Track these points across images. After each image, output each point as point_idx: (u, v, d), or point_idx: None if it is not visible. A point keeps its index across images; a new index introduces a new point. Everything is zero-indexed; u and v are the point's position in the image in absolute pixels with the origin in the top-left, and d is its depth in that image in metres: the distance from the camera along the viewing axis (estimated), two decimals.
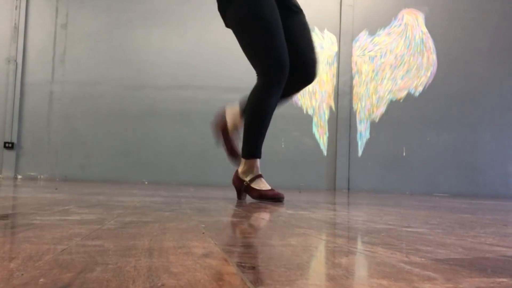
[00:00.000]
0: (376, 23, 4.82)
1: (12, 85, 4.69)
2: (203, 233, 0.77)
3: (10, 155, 4.65)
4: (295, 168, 4.67)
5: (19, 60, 4.70)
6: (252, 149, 1.92)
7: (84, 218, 0.93)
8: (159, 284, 0.39)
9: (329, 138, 4.71)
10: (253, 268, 0.48)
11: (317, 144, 4.72)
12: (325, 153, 4.71)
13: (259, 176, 1.93)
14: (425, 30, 4.83)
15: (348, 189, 4.64)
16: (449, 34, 4.81)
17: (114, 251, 0.55)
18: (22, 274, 0.41)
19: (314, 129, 4.72)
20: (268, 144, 4.65)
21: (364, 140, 4.71)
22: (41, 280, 0.39)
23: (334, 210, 1.63)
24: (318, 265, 0.55)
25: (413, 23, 4.84)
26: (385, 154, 4.70)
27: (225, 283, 0.41)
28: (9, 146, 4.64)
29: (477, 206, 2.28)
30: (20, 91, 4.70)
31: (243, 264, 0.50)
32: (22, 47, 4.71)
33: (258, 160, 1.94)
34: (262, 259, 0.57)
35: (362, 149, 4.70)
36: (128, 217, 0.98)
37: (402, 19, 4.84)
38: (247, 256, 0.58)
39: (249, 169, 1.93)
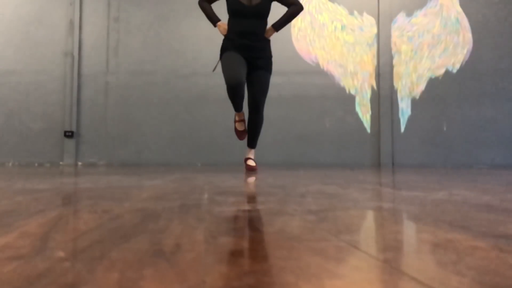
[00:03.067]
0: (413, 5, 5.01)
1: (70, 77, 4.98)
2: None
3: (70, 143, 4.94)
4: (340, 146, 4.89)
5: (75, 54, 4.98)
6: (234, 108, 3.21)
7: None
8: None
9: (372, 116, 4.93)
10: None
11: (360, 123, 4.93)
12: (368, 130, 4.92)
13: (240, 120, 3.33)
14: (460, 9, 5.01)
15: (393, 164, 4.85)
16: (483, 12, 4.98)
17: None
18: None
19: (357, 108, 4.94)
20: (313, 124, 4.89)
21: (406, 116, 4.91)
22: None
23: (446, 189, 1.85)
24: None
25: (448, 3, 5.02)
26: (426, 130, 4.89)
27: None
28: (69, 134, 4.93)
29: None
30: (78, 82, 4.98)
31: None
32: (78, 41, 4.99)
33: (238, 113, 3.26)
34: None
35: (404, 125, 4.90)
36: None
37: (437, 0, 5.02)
38: None
39: (236, 116, 3.36)
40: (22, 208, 0.99)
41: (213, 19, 3.10)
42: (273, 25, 3.05)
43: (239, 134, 3.34)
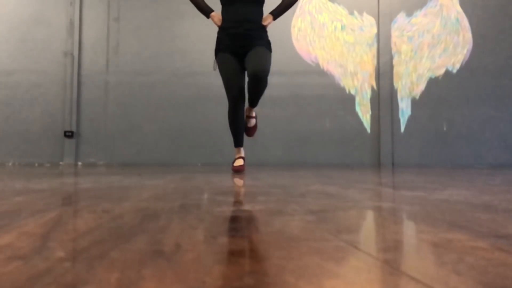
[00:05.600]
0: (413, 5, 5.02)
1: (70, 77, 4.98)
2: None
3: (70, 143, 4.94)
4: (340, 146, 4.89)
5: (76, 53, 4.99)
6: (234, 142, 3.04)
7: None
8: None
9: (372, 116, 4.93)
10: None
11: (360, 122, 4.93)
12: (368, 130, 4.92)
13: (238, 157, 3.02)
14: (460, 9, 5.01)
15: (393, 164, 4.85)
16: (483, 12, 4.98)
17: None
18: None
19: (357, 108, 4.94)
20: (313, 124, 4.89)
21: (406, 116, 4.91)
22: None
23: (446, 189, 1.85)
24: None
25: (448, 3, 5.02)
26: (426, 130, 4.90)
27: None
28: (69, 134, 4.93)
29: None
30: (78, 82, 4.98)
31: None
32: (78, 41, 4.99)
33: (238, 148, 3.03)
34: None
35: (404, 125, 4.91)
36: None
37: (437, 0, 5.02)
38: None
39: (236, 153, 3.04)
40: (22, 208, 0.99)
41: (206, 10, 2.95)
42: (271, 13, 2.93)
43: (237, 168, 2.96)
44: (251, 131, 3.19)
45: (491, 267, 0.49)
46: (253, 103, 3.02)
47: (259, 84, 2.78)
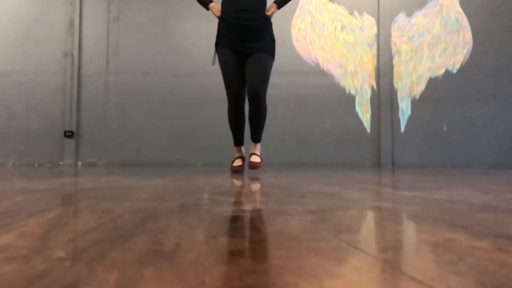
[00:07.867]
0: (413, 5, 5.02)
1: (70, 77, 4.98)
2: None
3: (70, 143, 4.94)
4: (340, 146, 4.89)
5: (75, 53, 4.99)
6: (234, 141, 3.00)
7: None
8: None
9: (372, 116, 4.93)
10: None
11: (360, 122, 4.93)
12: (368, 130, 4.92)
13: (237, 157, 2.97)
14: (459, 9, 5.01)
15: (393, 164, 4.85)
16: (483, 12, 4.98)
17: None
18: None
19: (357, 108, 4.94)
20: (313, 124, 4.89)
21: (406, 116, 4.91)
22: None
23: (446, 189, 1.85)
24: None
25: (448, 3, 5.02)
26: (426, 130, 4.90)
27: None
28: (69, 134, 4.93)
29: None
30: (77, 82, 4.98)
31: None
32: (78, 41, 4.99)
33: (238, 147, 2.99)
34: None
35: (404, 125, 4.91)
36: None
37: (437, 0, 5.02)
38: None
39: (235, 153, 3.00)
40: (22, 208, 0.99)
41: (204, 1, 2.84)
42: (275, 2, 2.80)
43: (235, 169, 2.92)
44: (253, 164, 2.85)
45: (491, 267, 0.49)
46: (255, 135, 2.88)
47: (256, 102, 2.72)
